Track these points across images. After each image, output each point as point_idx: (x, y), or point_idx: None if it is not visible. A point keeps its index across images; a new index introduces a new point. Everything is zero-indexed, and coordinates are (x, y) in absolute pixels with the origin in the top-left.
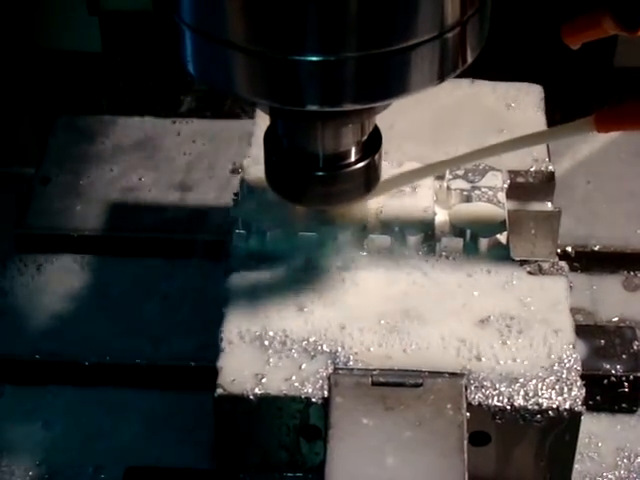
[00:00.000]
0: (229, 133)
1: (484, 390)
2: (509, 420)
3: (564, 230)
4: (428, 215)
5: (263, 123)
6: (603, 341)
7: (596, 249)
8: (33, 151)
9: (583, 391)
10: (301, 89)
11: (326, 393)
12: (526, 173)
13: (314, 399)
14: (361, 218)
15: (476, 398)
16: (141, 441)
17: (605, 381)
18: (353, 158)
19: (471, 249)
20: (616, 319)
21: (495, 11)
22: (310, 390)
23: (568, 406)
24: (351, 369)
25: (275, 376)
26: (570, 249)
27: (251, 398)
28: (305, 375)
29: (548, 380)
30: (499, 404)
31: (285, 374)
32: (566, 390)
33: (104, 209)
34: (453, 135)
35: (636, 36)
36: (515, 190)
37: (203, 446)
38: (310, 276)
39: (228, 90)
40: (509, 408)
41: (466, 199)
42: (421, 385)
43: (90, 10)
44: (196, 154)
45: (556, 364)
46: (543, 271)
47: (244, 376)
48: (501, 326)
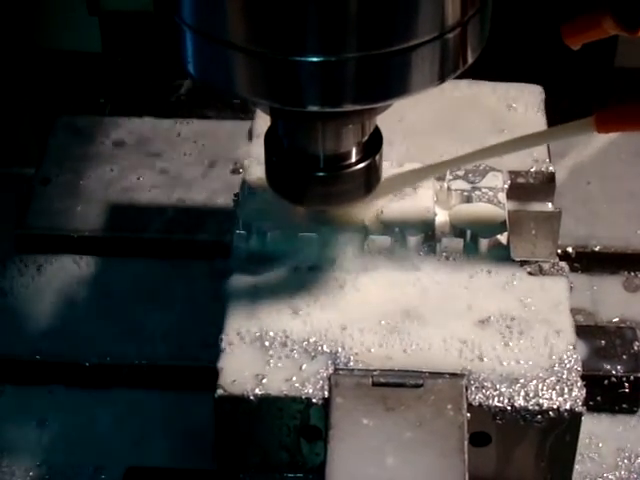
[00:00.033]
0: (229, 133)
1: (484, 391)
2: (509, 421)
3: (564, 230)
4: (428, 216)
5: (264, 123)
6: (604, 342)
7: (596, 249)
8: (33, 151)
9: (584, 392)
10: (302, 90)
11: (326, 393)
12: (526, 174)
13: (314, 400)
14: (361, 219)
15: (476, 399)
16: (141, 441)
17: (605, 382)
18: (354, 159)
19: (471, 250)
20: (616, 320)
21: (496, 11)
22: (310, 391)
23: (569, 407)
24: (351, 370)
25: (275, 377)
26: (571, 249)
27: (251, 399)
28: (305, 376)
29: (549, 380)
30: (499, 404)
31: (285, 375)
32: (567, 391)
33: (104, 209)
34: (453, 136)
35: (636, 36)
36: (515, 191)
37: (203, 446)
38: (310, 277)
39: (229, 90)
40: (509, 409)
41: (466, 200)
42: (421, 386)
43: (90, 10)
44: (196, 154)
45: (557, 364)
46: (543, 272)
47: (244, 377)
48: (501, 327)
